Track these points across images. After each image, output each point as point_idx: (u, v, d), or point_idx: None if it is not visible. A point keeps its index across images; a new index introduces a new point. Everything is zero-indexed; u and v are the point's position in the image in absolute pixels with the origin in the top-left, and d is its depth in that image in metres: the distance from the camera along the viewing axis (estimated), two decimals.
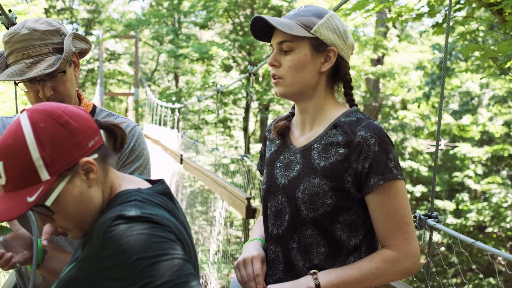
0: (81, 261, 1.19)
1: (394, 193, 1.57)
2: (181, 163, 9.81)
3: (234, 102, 20.69)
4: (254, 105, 20.34)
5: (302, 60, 1.63)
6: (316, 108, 1.69)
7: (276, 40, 1.66)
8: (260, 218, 1.89)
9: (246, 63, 20.19)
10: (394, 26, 18.61)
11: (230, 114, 21.50)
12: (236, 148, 22.77)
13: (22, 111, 1.22)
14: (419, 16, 5.06)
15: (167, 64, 28.99)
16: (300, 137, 1.73)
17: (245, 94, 20.03)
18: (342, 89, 1.77)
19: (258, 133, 23.01)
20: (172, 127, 16.61)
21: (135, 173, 1.94)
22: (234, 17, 20.98)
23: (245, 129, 20.96)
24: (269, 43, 1.72)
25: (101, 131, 1.30)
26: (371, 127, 1.57)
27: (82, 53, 2.01)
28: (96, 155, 1.25)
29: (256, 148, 21.09)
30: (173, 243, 1.16)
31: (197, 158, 12.04)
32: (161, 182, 1.41)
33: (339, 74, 1.70)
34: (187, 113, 20.65)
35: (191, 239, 1.37)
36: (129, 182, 1.36)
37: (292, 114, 1.83)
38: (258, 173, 1.96)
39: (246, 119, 20.90)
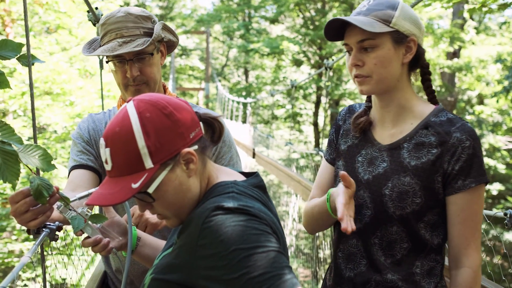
0: (179, 249, 1.22)
1: (477, 197, 1.58)
2: (253, 157, 9.88)
3: (305, 97, 20.64)
4: (324, 99, 20.22)
5: (387, 56, 1.60)
6: (400, 102, 1.68)
7: (355, 39, 1.62)
8: (313, 200, 1.80)
9: (317, 57, 20.08)
10: (471, 18, 17.94)
11: (300, 109, 21.45)
12: (305, 143, 22.73)
13: (128, 101, 1.26)
14: (503, 6, 4.86)
15: (238, 59, 29.24)
16: (382, 133, 1.71)
17: (315, 89, 19.92)
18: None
19: (328, 128, 22.85)
20: (243, 122, 16.76)
21: (231, 163, 2.00)
22: (304, 11, 20.89)
23: (315, 124, 20.86)
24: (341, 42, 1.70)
25: (201, 123, 1.31)
26: (466, 129, 1.58)
27: (170, 46, 2.07)
28: (196, 146, 1.27)
29: (326, 143, 20.88)
30: (269, 235, 1.17)
31: (267, 153, 12.11)
32: (255, 175, 1.42)
33: (419, 62, 1.69)
34: (258, 108, 20.79)
35: (283, 232, 1.37)
36: (225, 174, 1.38)
37: (368, 108, 1.79)
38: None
39: (316, 113, 20.80)
